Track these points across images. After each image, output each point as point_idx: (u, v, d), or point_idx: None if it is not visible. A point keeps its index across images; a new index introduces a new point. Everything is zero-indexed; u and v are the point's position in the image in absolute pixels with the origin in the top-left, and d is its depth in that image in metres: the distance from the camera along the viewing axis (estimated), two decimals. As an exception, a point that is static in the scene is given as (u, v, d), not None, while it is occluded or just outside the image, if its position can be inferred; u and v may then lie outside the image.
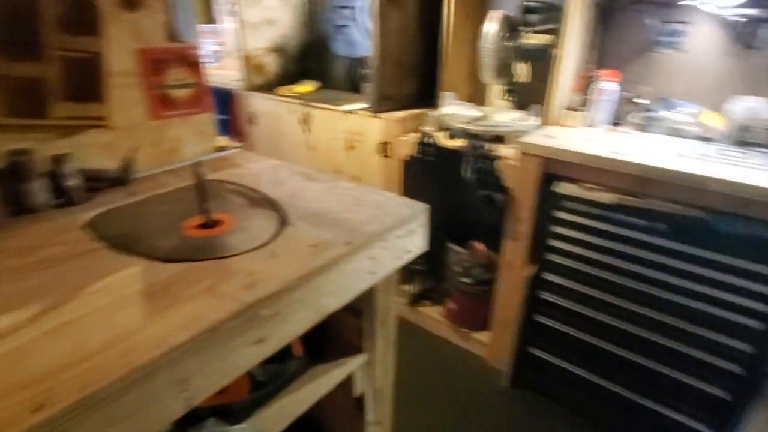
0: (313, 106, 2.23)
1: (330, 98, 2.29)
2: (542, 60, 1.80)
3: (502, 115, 1.94)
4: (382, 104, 2.00)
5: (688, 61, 1.69)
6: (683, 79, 1.72)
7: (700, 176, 1.29)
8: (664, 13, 1.68)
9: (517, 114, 1.91)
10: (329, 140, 2.24)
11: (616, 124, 1.80)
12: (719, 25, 1.59)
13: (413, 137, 1.94)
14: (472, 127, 1.82)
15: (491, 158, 1.72)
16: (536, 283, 1.69)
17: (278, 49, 2.61)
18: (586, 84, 1.84)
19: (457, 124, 1.87)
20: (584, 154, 1.47)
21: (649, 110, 1.73)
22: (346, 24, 2.32)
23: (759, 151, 1.48)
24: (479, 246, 2.02)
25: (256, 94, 2.51)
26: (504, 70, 1.92)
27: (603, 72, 1.74)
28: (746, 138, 1.53)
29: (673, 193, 1.36)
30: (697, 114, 1.68)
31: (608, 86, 1.72)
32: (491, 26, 1.78)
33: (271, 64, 2.60)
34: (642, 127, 1.74)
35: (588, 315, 1.59)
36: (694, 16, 1.64)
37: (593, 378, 1.65)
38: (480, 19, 1.85)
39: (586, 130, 1.74)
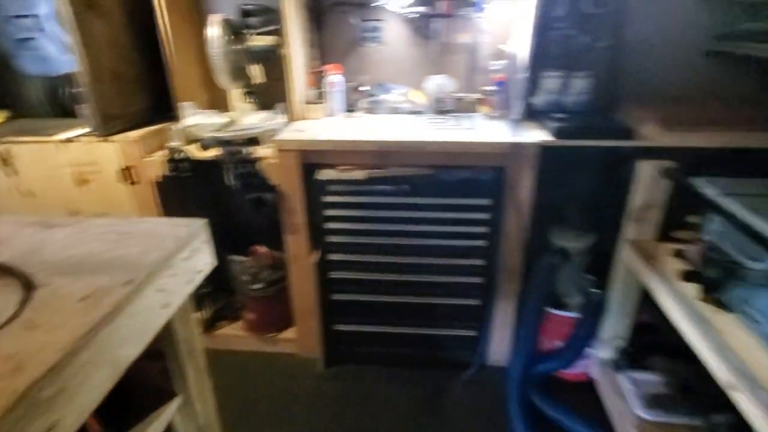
0: (12, 142, 1.77)
1: (31, 128, 1.86)
2: (272, 60, 1.88)
3: (249, 117, 1.96)
4: (109, 126, 1.75)
5: (389, 51, 2.05)
6: (390, 66, 2.07)
7: (419, 142, 1.61)
8: (363, 13, 1.99)
9: (264, 114, 1.97)
10: (50, 179, 1.83)
11: (350, 110, 2.04)
12: (403, 21, 1.98)
13: (161, 156, 1.77)
14: (223, 134, 1.78)
15: (252, 161, 1.73)
16: (324, 266, 1.82)
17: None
18: (317, 79, 2.03)
19: (206, 134, 1.80)
20: (333, 140, 1.64)
21: (371, 95, 2.03)
22: (31, 37, 1.90)
23: (452, 116, 1.94)
24: (261, 249, 2.02)
25: None
26: (238, 73, 1.93)
27: (328, 67, 1.94)
28: (441, 107, 1.97)
29: (406, 159, 1.67)
30: (406, 93, 2.06)
31: (335, 79, 1.94)
32: (213, 31, 1.75)
33: None
34: (370, 110, 2.03)
35: (369, 278, 1.82)
36: (384, 14, 1.98)
37: (387, 329, 1.90)
38: (201, 24, 1.80)
39: (327, 120, 1.93)
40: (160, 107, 1.98)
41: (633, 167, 1.54)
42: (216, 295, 2.13)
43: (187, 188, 1.81)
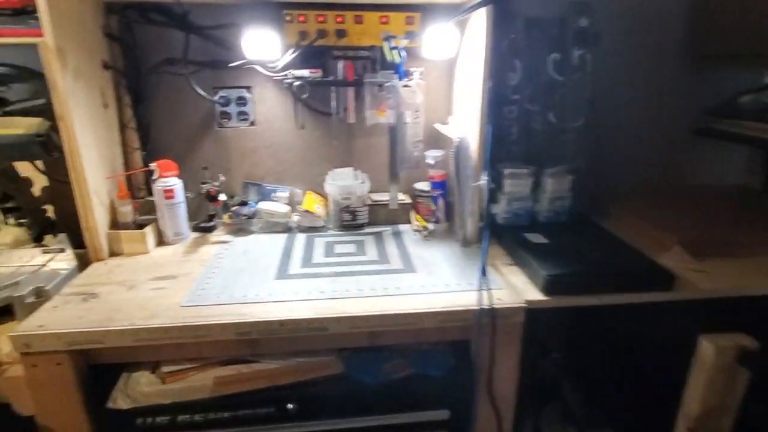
0: None
1: None
2: (35, 156, 1.04)
3: (3, 260, 1.06)
4: None
5: (265, 135, 1.30)
6: (268, 159, 1.32)
7: (315, 320, 0.85)
8: (217, 77, 1.23)
9: (35, 254, 1.08)
10: None
11: (203, 229, 1.24)
12: (283, 89, 1.25)
13: None
14: None
15: (-29, 372, 0.83)
16: None
17: None
18: (137, 186, 1.21)
19: None
20: (141, 328, 0.81)
21: (239, 204, 1.25)
22: None
23: (366, 234, 1.22)
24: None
25: None
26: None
27: (157, 165, 1.14)
28: (349, 220, 1.25)
29: (291, 345, 0.90)
30: (295, 200, 1.32)
31: (170, 183, 1.14)
32: None
33: None
34: (237, 229, 1.24)
35: None
36: (254, 79, 1.25)
37: None
38: None
39: (157, 257, 1.10)
40: None
41: (677, 338, 0.93)
42: None
43: None
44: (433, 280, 0.97)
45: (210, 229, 1.25)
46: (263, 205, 1.25)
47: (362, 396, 0.87)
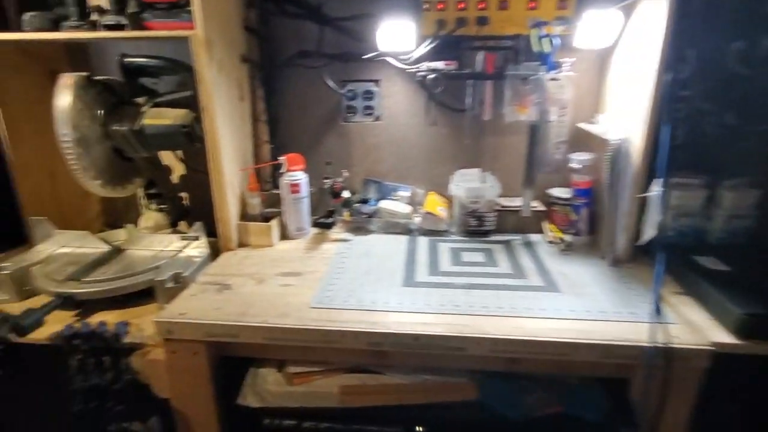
0: None
1: None
2: (180, 146, 1.08)
3: (146, 243, 1.13)
4: None
5: (390, 131, 1.25)
6: (391, 156, 1.27)
7: (450, 338, 0.76)
8: (347, 70, 1.20)
9: (171, 239, 1.13)
10: None
11: (322, 226, 1.22)
12: (414, 84, 1.19)
13: (-57, 337, 0.92)
14: (72, 289, 0.94)
15: (119, 351, 0.87)
16: None
17: None
18: (265, 179, 1.22)
19: (46, 284, 0.96)
20: (273, 326, 0.79)
21: (359, 202, 1.21)
22: None
23: (493, 242, 1.11)
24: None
25: None
26: (123, 170, 1.12)
27: (286, 158, 1.13)
28: (474, 225, 1.15)
29: (419, 360, 0.82)
30: (417, 199, 1.25)
31: (297, 178, 1.13)
32: (64, 100, 0.95)
33: None
34: (356, 228, 1.20)
35: None
36: (384, 72, 1.20)
37: None
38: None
39: (281, 251, 1.09)
40: (4, 224, 1.15)
41: None
42: None
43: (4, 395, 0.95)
44: (583, 304, 0.83)
45: (329, 226, 1.22)
46: (385, 204, 1.19)
47: (502, 430, 0.77)
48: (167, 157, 1.25)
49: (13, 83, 1.07)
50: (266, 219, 1.14)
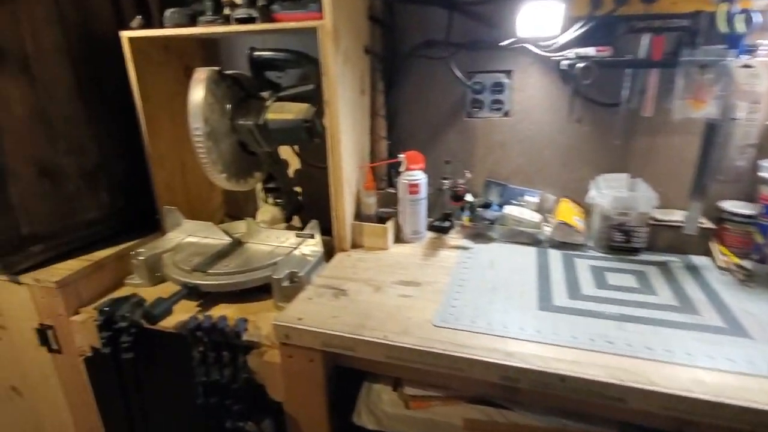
0: None
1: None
2: (301, 141, 1.05)
3: (263, 237, 1.13)
4: (17, 257, 1.01)
5: (522, 129, 1.12)
6: (520, 156, 1.13)
7: (605, 384, 0.63)
8: (476, 59, 1.09)
9: (288, 236, 1.12)
10: (-56, 326, 1.14)
11: (437, 228, 1.13)
12: (554, 73, 1.04)
13: (89, 316, 0.99)
14: (197, 279, 0.96)
15: (237, 347, 0.87)
16: None
17: None
18: (381, 177, 1.16)
19: (175, 272, 1.00)
20: (385, 344, 0.72)
21: (481, 206, 1.10)
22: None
23: (644, 262, 0.93)
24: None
25: None
26: (246, 164, 1.13)
27: (406, 156, 1.06)
28: (619, 239, 0.98)
29: (556, 401, 0.69)
30: (547, 207, 1.10)
31: (418, 177, 1.05)
32: (197, 94, 0.96)
33: None
34: (476, 235, 1.09)
35: None
36: (519, 61, 1.07)
37: None
38: (183, 84, 1.03)
39: (397, 255, 1.02)
40: (138, 213, 1.23)
41: None
42: None
43: (128, 377, 1.00)
44: (790, 358, 0.64)
45: (445, 230, 1.13)
46: (512, 210, 1.07)
47: None
48: (284, 151, 1.25)
49: (155, 78, 1.12)
50: (381, 219, 1.08)
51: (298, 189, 1.29)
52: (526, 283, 0.87)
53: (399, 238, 1.10)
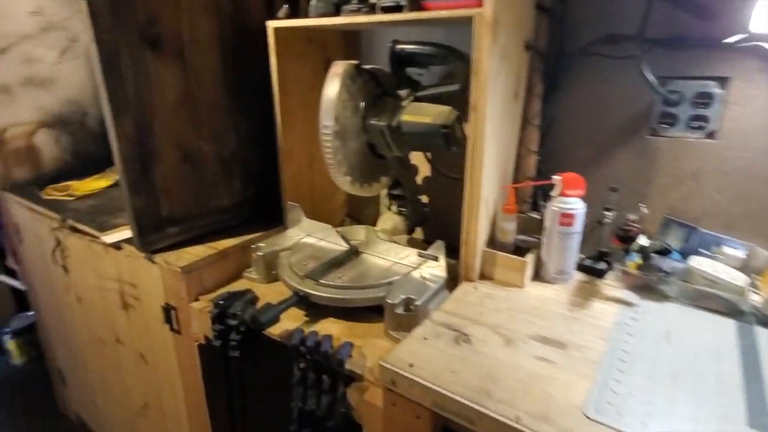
0: (65, 229, 1.27)
1: (104, 208, 1.33)
2: (436, 148, 0.91)
3: (382, 249, 1.03)
4: (155, 236, 1.05)
5: (730, 155, 0.84)
6: (721, 193, 0.85)
7: None
8: (680, 61, 0.84)
9: (409, 253, 1.00)
10: (98, 289, 1.27)
11: (589, 269, 0.91)
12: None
13: (204, 306, 0.99)
14: (308, 288, 0.89)
15: (338, 374, 0.77)
16: None
17: (61, 122, 1.66)
18: (523, 200, 0.97)
19: (288, 275, 0.95)
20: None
21: (657, 251, 0.84)
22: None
23: None
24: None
25: (12, 197, 1.53)
26: (373, 167, 1.03)
27: (561, 178, 0.86)
28: None
29: None
30: (760, 265, 0.81)
31: (575, 206, 0.84)
32: (332, 89, 0.89)
33: (49, 145, 1.64)
34: (641, 285, 0.84)
35: None
36: (739, 64, 0.79)
37: None
38: (319, 78, 0.96)
39: (538, 298, 0.83)
40: (265, 204, 1.23)
41: None
42: None
43: (233, 372, 0.98)
44: None
45: (600, 273, 0.90)
46: (701, 264, 0.80)
47: None
48: (415, 156, 1.13)
49: (294, 70, 1.09)
50: (518, 250, 0.90)
51: (424, 198, 1.16)
52: (725, 377, 0.62)
53: (539, 276, 0.90)
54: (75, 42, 1.65)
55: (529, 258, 0.87)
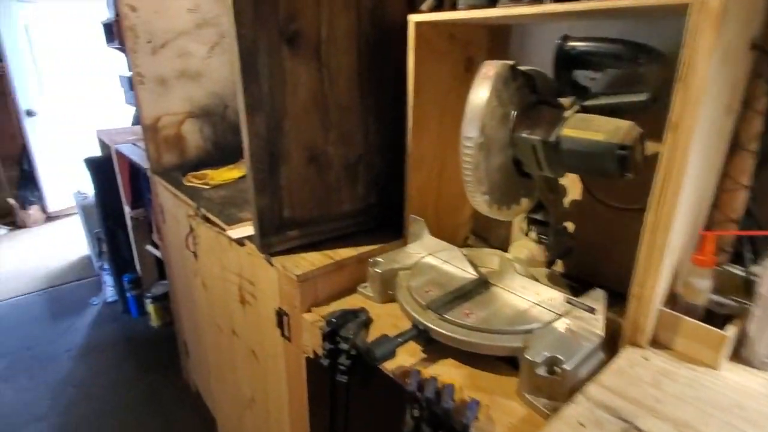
0: (198, 217, 1.32)
1: (232, 200, 1.36)
2: (605, 172, 0.72)
3: (516, 285, 0.87)
4: (275, 237, 1.02)
5: None
6: None
7: None
8: None
9: (552, 295, 0.82)
10: (221, 280, 1.30)
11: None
12: None
13: (316, 322, 0.93)
14: (430, 322, 0.77)
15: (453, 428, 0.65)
16: None
17: (206, 114, 1.77)
18: (724, 245, 0.73)
19: (407, 301, 0.84)
20: None
21: None
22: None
23: None
24: None
25: (159, 180, 1.67)
26: (516, 187, 0.87)
27: (789, 225, 0.62)
28: None
29: None
30: None
31: (808, 270, 0.60)
32: (481, 94, 0.75)
33: (193, 134, 1.76)
34: None
35: None
36: None
37: None
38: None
39: (742, 389, 0.61)
40: (390, 214, 1.14)
41: None
42: None
43: (339, 395, 0.91)
44: None
45: (837, 364, 0.64)
46: None
47: None
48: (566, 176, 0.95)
49: (432, 71, 0.97)
50: (711, 316, 0.68)
51: (569, 226, 0.97)
52: None
53: (739, 355, 0.67)
54: (223, 38, 1.73)
55: (731, 331, 0.64)
